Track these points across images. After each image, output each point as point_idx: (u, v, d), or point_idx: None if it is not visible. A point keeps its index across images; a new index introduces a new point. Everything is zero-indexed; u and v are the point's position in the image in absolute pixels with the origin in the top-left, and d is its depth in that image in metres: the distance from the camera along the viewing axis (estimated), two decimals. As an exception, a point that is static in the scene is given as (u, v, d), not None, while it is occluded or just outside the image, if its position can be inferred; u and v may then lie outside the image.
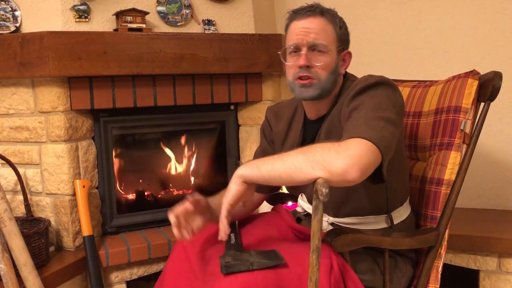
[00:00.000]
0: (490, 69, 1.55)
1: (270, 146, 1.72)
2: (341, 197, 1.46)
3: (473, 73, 1.58)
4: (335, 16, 1.50)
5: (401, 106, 1.40)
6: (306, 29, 1.44)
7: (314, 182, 1.18)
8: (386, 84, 1.38)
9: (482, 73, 1.59)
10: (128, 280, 2.26)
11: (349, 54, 1.54)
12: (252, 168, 1.28)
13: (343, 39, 1.50)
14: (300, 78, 1.46)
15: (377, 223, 1.50)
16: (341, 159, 1.17)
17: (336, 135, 1.41)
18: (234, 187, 1.29)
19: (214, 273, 1.32)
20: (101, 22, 2.32)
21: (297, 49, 1.47)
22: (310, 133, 1.57)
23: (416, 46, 2.66)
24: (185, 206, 1.42)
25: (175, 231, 1.40)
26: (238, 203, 1.31)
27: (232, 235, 1.52)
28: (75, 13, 2.23)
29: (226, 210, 1.29)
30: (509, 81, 2.37)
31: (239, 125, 2.66)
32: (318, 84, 1.45)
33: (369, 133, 1.23)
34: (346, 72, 1.57)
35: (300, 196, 1.69)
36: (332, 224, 1.52)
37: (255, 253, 1.34)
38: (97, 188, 2.33)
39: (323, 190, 1.13)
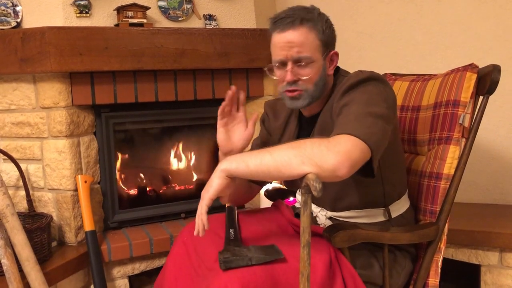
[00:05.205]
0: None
1: (269, 137, 1.72)
2: (338, 191, 1.46)
3: (471, 67, 1.57)
4: (317, 20, 1.44)
5: (392, 101, 1.40)
6: (289, 44, 1.41)
7: (303, 177, 1.18)
8: (376, 80, 1.38)
9: (483, 67, 1.58)
10: (130, 275, 2.27)
11: (336, 54, 1.51)
12: (238, 162, 1.28)
13: (328, 42, 1.46)
14: (289, 90, 1.46)
15: (375, 216, 1.50)
16: (332, 155, 1.18)
17: (328, 131, 1.41)
18: (217, 181, 1.29)
19: (214, 268, 1.33)
20: (102, 17, 2.32)
21: (282, 64, 1.46)
22: (305, 130, 1.58)
23: (418, 41, 2.65)
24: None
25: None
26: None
27: (232, 231, 1.52)
28: (76, 8, 2.24)
29: (206, 204, 1.30)
30: (510, 75, 2.36)
31: (240, 120, 2.65)
32: (305, 94, 1.46)
33: (358, 129, 1.24)
34: (338, 68, 1.56)
35: (298, 191, 1.69)
36: (330, 218, 1.53)
37: (254, 248, 1.34)
38: (99, 183, 2.33)
39: (317, 185, 1.13)
